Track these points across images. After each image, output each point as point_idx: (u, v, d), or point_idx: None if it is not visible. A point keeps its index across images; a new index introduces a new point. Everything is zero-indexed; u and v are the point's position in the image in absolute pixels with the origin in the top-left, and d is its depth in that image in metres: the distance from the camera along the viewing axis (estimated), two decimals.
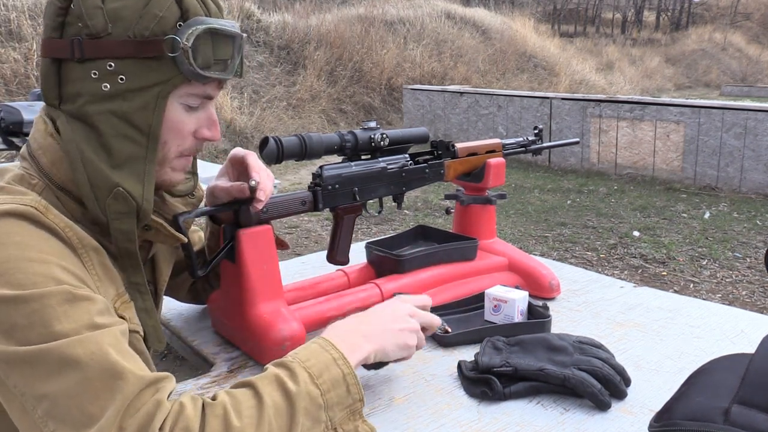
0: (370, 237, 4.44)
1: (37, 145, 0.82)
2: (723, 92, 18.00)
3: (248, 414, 0.71)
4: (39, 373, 0.67)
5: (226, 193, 1.04)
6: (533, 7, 22.42)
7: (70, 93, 0.80)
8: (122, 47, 0.78)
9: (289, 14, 11.46)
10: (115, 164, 0.80)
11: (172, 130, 0.84)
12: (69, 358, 0.68)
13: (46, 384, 0.67)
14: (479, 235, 1.43)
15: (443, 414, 0.93)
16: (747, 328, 1.22)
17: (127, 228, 0.81)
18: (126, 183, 0.79)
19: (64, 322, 0.69)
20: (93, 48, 0.78)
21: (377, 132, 1.22)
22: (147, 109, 0.80)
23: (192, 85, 0.83)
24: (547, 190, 6.23)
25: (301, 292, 1.24)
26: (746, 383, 0.69)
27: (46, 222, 0.75)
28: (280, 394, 0.75)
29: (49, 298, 0.69)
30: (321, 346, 0.83)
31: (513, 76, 13.21)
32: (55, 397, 0.67)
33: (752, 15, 27.42)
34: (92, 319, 0.71)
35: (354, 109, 10.21)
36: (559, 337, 1.03)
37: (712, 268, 4.06)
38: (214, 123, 0.89)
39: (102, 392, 0.67)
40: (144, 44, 0.79)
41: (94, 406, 0.67)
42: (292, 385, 0.76)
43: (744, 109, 6.08)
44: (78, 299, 0.71)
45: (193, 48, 0.80)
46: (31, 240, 0.73)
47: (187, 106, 0.85)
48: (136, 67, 0.79)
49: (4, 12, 7.67)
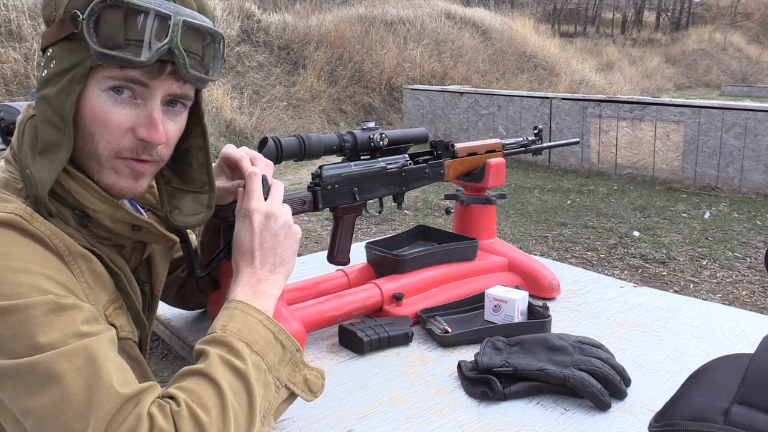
0: (370, 237, 4.44)
1: None
2: (723, 92, 18.00)
3: (212, 405, 0.71)
4: (24, 387, 0.67)
5: (226, 192, 1.01)
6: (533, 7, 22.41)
7: None
8: (53, 31, 0.76)
9: (289, 14, 11.46)
10: (39, 150, 0.76)
11: (95, 121, 0.77)
12: (52, 373, 0.66)
13: (31, 399, 0.67)
14: (479, 235, 1.43)
15: (443, 414, 0.93)
16: (747, 328, 1.22)
17: None
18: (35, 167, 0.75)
19: (48, 333, 0.68)
20: (46, 36, 0.78)
21: (376, 132, 1.22)
22: (62, 93, 0.75)
23: (110, 68, 0.75)
24: (547, 190, 6.23)
25: (301, 292, 1.24)
26: (746, 383, 0.69)
27: (31, 230, 0.73)
28: (232, 374, 0.74)
29: (33, 308, 0.68)
30: (243, 312, 0.81)
31: (513, 76, 13.21)
32: (39, 413, 0.66)
33: (752, 15, 27.42)
34: (78, 328, 0.70)
35: (354, 109, 10.20)
36: (559, 337, 1.03)
37: (712, 268, 4.06)
38: (152, 122, 0.78)
39: (84, 409, 0.66)
40: (60, 24, 0.75)
41: (77, 423, 0.65)
42: (238, 362, 0.75)
43: (744, 109, 6.08)
44: (63, 308, 0.70)
45: (96, 23, 0.72)
46: (16, 249, 0.71)
47: (113, 96, 0.77)
48: (61, 50, 0.76)
49: (4, 12, 7.67)
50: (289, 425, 0.91)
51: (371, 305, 1.23)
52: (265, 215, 0.89)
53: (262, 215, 0.89)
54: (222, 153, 1.00)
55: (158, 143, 0.80)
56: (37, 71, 0.98)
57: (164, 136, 0.80)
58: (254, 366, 0.76)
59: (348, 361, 1.10)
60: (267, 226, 0.89)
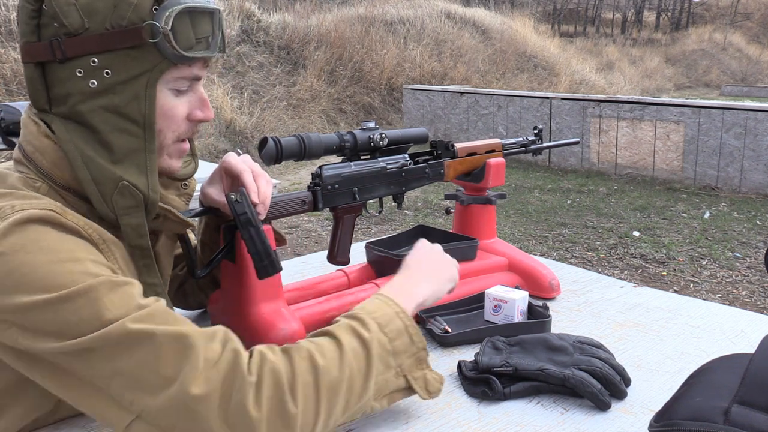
0: (370, 237, 4.44)
1: (32, 148, 0.81)
2: (723, 92, 18.00)
3: (331, 356, 0.76)
4: (104, 354, 0.69)
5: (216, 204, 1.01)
6: (533, 7, 22.41)
7: (59, 95, 0.80)
8: (102, 41, 0.77)
9: (289, 14, 11.46)
10: (116, 159, 0.79)
11: (165, 116, 0.83)
12: (129, 334, 0.70)
13: (114, 362, 0.69)
14: (479, 235, 1.43)
15: (443, 414, 0.93)
16: (747, 328, 1.21)
17: (137, 222, 0.82)
18: (129, 176, 0.80)
19: (113, 309, 0.71)
20: (73, 46, 0.77)
21: (376, 132, 1.22)
22: (138, 100, 0.79)
23: (178, 68, 0.82)
24: (547, 190, 6.23)
25: (301, 292, 1.24)
26: (746, 383, 0.69)
27: (67, 223, 0.76)
28: (356, 339, 0.80)
29: (92, 291, 0.71)
30: (382, 301, 0.88)
31: (513, 76, 13.21)
32: (127, 370, 0.69)
33: (752, 15, 27.42)
34: (137, 301, 0.73)
35: (354, 109, 10.20)
36: (559, 337, 1.03)
37: (712, 268, 4.06)
38: (205, 103, 0.88)
39: (173, 354, 0.70)
40: (123, 34, 0.77)
41: (169, 367, 0.69)
42: (365, 332, 0.81)
43: (744, 109, 6.08)
44: (119, 285, 0.73)
45: (173, 30, 0.78)
46: (58, 242, 0.73)
47: (176, 91, 0.84)
48: (120, 59, 0.78)
49: (4, 12, 7.66)
50: None
51: None
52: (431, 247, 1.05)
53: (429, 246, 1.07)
54: (223, 161, 1.00)
55: (211, 119, 0.90)
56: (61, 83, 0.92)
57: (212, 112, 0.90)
58: (379, 342, 0.82)
59: None
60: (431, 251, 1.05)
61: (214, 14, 0.83)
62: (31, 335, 0.70)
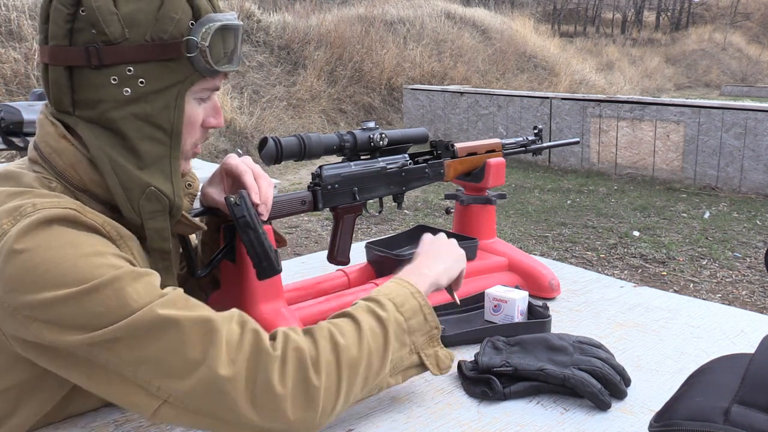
0: (370, 237, 4.44)
1: (50, 149, 0.82)
2: (723, 92, 18.00)
3: (350, 335, 0.81)
4: (130, 343, 0.71)
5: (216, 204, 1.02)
6: (533, 7, 22.41)
7: (88, 99, 0.80)
8: (141, 51, 0.79)
9: (289, 14, 11.45)
10: (143, 165, 0.82)
11: (188, 125, 0.87)
12: (156, 320, 0.72)
13: (141, 350, 0.71)
14: (479, 235, 1.43)
15: (443, 414, 0.93)
16: (747, 328, 1.22)
17: (161, 226, 0.84)
18: (156, 182, 0.82)
19: (137, 298, 0.72)
20: (111, 54, 0.78)
21: (376, 132, 1.22)
22: (168, 109, 0.83)
23: (206, 80, 0.86)
24: (547, 190, 6.23)
25: (301, 292, 1.24)
26: (746, 383, 0.69)
27: (87, 221, 0.77)
28: (374, 319, 0.85)
29: (117, 281, 0.72)
30: (398, 283, 0.93)
31: (513, 76, 13.21)
32: (154, 357, 0.71)
33: (752, 15, 27.42)
34: (159, 290, 0.75)
35: (354, 109, 10.20)
36: (559, 337, 1.03)
37: (712, 268, 4.06)
38: (218, 111, 0.92)
39: (198, 338, 0.72)
40: (163, 47, 0.80)
41: (195, 351, 0.72)
42: (382, 312, 0.86)
43: (744, 109, 6.08)
44: (142, 275, 0.75)
45: (209, 46, 0.82)
46: (80, 239, 0.75)
47: (200, 100, 0.88)
48: (156, 70, 0.81)
49: (4, 12, 7.66)
50: None
51: None
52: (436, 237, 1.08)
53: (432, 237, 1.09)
54: (224, 162, 1.01)
55: (222, 126, 0.95)
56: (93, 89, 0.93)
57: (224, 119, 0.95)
58: (396, 321, 0.86)
59: None
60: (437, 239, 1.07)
61: (238, 30, 0.88)
62: (57, 329, 0.71)
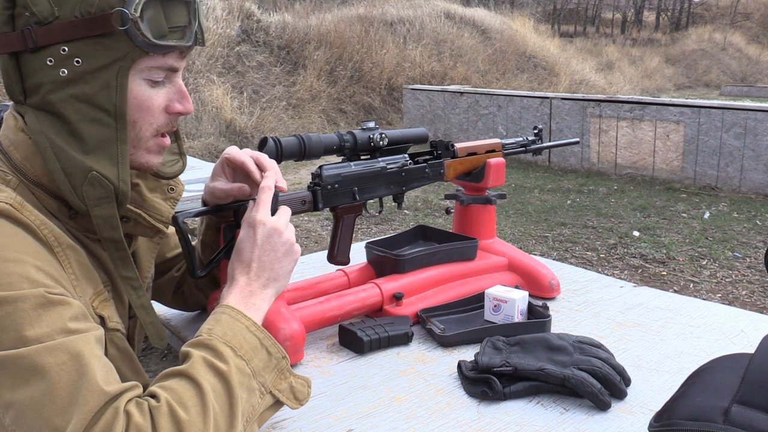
0: (370, 237, 4.44)
1: (8, 142, 0.80)
2: (723, 92, 18.00)
3: (192, 404, 0.71)
4: (7, 380, 0.67)
5: (225, 194, 1.03)
6: (533, 7, 22.41)
7: (32, 85, 0.78)
8: (71, 29, 0.76)
9: (289, 14, 11.46)
10: (87, 149, 0.78)
11: (140, 108, 0.81)
12: (37, 367, 0.66)
13: (14, 392, 0.67)
14: (479, 235, 1.43)
15: (443, 414, 0.93)
16: (747, 328, 1.22)
17: (108, 213, 0.79)
18: (99, 166, 0.77)
19: (36, 327, 0.68)
20: (43, 35, 0.76)
21: (376, 132, 1.22)
22: (109, 89, 0.77)
23: (151, 57, 0.80)
24: (547, 190, 6.23)
25: (301, 292, 1.24)
26: (746, 383, 0.69)
27: (22, 219, 0.74)
28: (214, 375, 0.75)
29: (23, 301, 0.68)
30: (231, 316, 0.83)
31: (513, 76, 13.21)
32: (22, 406, 0.66)
33: (752, 15, 27.42)
34: (66, 324, 0.70)
35: (354, 109, 10.21)
36: (559, 337, 1.03)
37: (712, 268, 4.06)
38: (184, 95, 0.86)
39: (67, 405, 0.66)
40: (92, 22, 0.75)
41: (60, 418, 0.66)
42: (221, 364, 0.76)
43: (744, 109, 6.08)
44: (52, 303, 0.70)
45: (143, 18, 0.76)
46: (6, 239, 0.72)
47: (151, 81, 0.82)
48: (90, 47, 0.77)
49: None
50: (289, 425, 0.91)
51: (371, 305, 1.23)
52: (269, 229, 0.91)
53: (267, 228, 0.91)
54: (225, 154, 1.01)
55: (191, 112, 0.87)
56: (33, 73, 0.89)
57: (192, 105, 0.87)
58: (238, 369, 0.77)
59: (348, 361, 1.11)
60: (269, 240, 0.91)
61: (189, 4, 0.81)
62: None
